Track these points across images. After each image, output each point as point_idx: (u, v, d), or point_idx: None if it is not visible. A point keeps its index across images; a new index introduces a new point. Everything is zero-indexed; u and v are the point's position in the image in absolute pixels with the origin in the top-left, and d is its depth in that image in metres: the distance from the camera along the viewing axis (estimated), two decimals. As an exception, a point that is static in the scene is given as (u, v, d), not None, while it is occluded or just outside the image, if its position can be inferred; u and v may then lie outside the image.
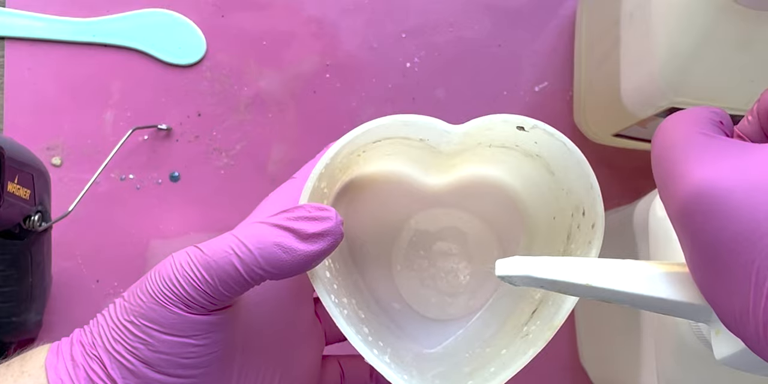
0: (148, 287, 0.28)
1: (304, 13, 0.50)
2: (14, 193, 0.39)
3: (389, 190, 0.35)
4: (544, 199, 0.34)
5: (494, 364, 0.32)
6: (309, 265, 0.28)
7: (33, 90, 0.49)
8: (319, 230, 0.27)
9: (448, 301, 0.37)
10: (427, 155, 0.33)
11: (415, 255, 0.37)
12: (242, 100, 0.49)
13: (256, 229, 0.28)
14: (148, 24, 0.49)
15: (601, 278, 0.24)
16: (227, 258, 0.27)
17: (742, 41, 0.31)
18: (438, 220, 0.37)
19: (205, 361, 0.29)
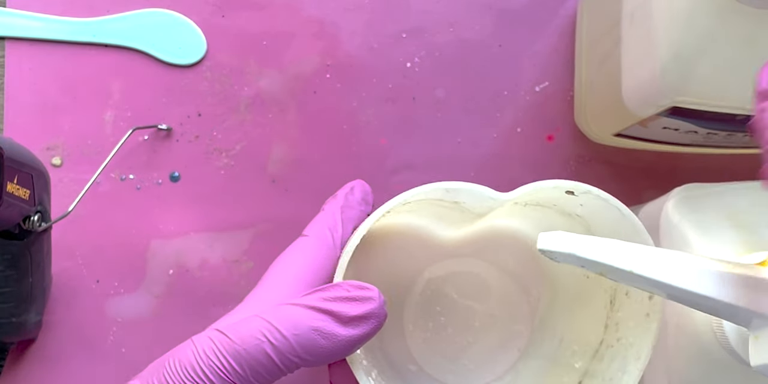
0: (167, 377, 0.26)
1: (304, 13, 0.50)
2: (14, 193, 0.39)
3: (403, 241, 0.33)
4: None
5: None
6: (350, 350, 0.26)
7: (33, 90, 0.49)
8: (362, 313, 0.25)
9: (467, 365, 0.34)
10: (454, 213, 0.32)
11: (430, 309, 0.34)
12: (242, 100, 0.49)
13: (289, 311, 0.25)
14: (148, 24, 0.49)
15: (646, 267, 0.23)
16: (259, 346, 0.25)
17: (744, 40, 0.31)
18: (454, 267, 0.34)
19: None
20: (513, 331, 0.35)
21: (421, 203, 0.31)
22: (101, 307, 0.48)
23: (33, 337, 0.47)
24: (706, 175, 0.49)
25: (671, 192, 0.34)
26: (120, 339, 0.47)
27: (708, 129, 0.38)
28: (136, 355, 0.47)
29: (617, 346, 0.30)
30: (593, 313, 0.32)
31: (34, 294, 0.44)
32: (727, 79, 0.33)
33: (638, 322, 0.29)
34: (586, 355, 0.32)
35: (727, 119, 0.35)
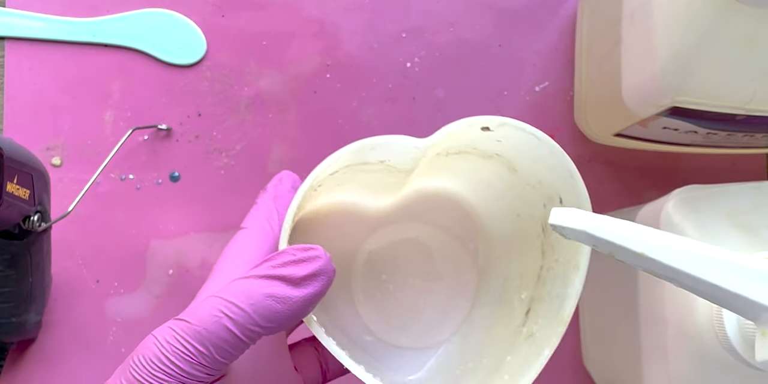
0: (135, 374, 0.26)
1: (304, 13, 0.50)
2: (13, 193, 0.39)
3: (339, 219, 0.34)
4: (502, 200, 0.33)
5: (505, 372, 0.31)
6: (307, 310, 0.26)
7: (33, 90, 0.49)
8: (311, 271, 0.26)
9: (420, 326, 0.35)
10: (381, 178, 0.32)
11: (376, 279, 0.35)
12: (242, 100, 0.49)
13: (241, 285, 0.26)
14: (148, 24, 0.49)
15: (658, 250, 0.23)
16: (218, 322, 0.25)
17: (744, 40, 0.31)
18: (393, 236, 0.35)
19: None
20: (460, 284, 0.36)
21: (348, 173, 0.31)
22: (101, 307, 0.48)
23: (33, 337, 0.47)
24: (706, 175, 0.49)
25: (671, 193, 0.34)
26: (120, 339, 0.47)
27: (708, 129, 0.38)
28: (136, 355, 0.47)
29: (556, 266, 0.31)
30: (529, 244, 0.33)
31: (33, 294, 0.44)
32: (727, 79, 0.33)
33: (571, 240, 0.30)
34: (530, 284, 0.33)
35: (727, 119, 0.35)
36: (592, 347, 0.46)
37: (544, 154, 0.30)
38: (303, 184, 0.29)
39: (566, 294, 0.30)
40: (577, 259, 0.30)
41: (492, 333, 0.34)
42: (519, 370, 0.30)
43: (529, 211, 0.33)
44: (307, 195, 0.31)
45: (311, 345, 0.35)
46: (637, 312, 0.37)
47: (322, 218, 0.34)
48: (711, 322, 0.32)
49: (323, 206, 0.34)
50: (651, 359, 0.36)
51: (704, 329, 0.32)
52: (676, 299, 0.34)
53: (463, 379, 0.33)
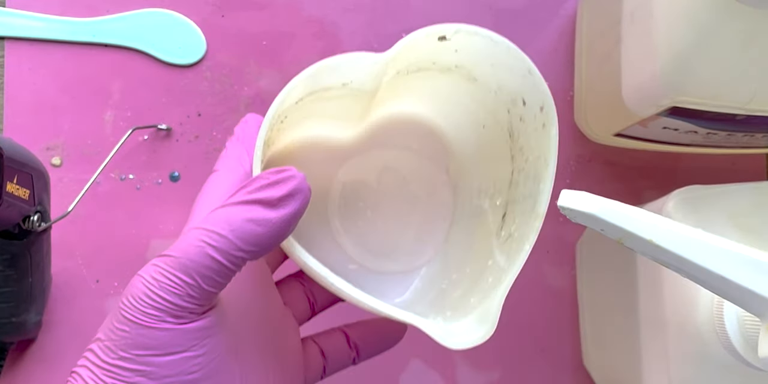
0: (126, 314, 0.26)
1: (305, 13, 0.50)
2: (13, 193, 0.39)
3: (308, 154, 0.34)
4: (466, 113, 0.34)
5: (489, 275, 0.31)
6: (287, 230, 0.27)
7: (33, 90, 0.49)
8: (287, 191, 0.26)
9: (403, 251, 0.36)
10: (346, 105, 0.32)
11: (354, 209, 0.35)
12: (242, 100, 0.49)
13: (220, 213, 0.26)
14: (148, 24, 0.49)
15: (668, 239, 0.23)
16: (202, 251, 0.26)
17: (744, 39, 0.31)
18: (365, 165, 0.35)
19: (210, 370, 0.27)
20: (437, 203, 0.36)
21: (314, 101, 0.31)
22: (101, 307, 0.48)
23: (33, 337, 0.47)
24: (706, 175, 0.49)
25: (671, 193, 0.34)
26: (120, 339, 0.47)
27: (708, 129, 0.38)
28: (135, 355, 0.47)
29: (527, 166, 0.32)
30: (498, 152, 0.33)
31: (33, 294, 0.44)
32: (727, 79, 0.33)
33: (538, 137, 0.30)
34: (503, 190, 0.33)
35: (726, 119, 0.35)
36: (592, 347, 0.46)
37: (501, 56, 0.31)
38: (267, 113, 0.29)
39: (539, 190, 0.30)
40: (545, 155, 0.31)
41: (472, 244, 0.34)
42: (502, 269, 0.31)
43: (494, 120, 0.33)
44: (274, 127, 0.31)
45: (297, 280, 0.36)
46: (637, 312, 0.37)
47: (293, 155, 0.34)
48: (712, 321, 0.32)
49: (292, 143, 0.34)
50: (651, 359, 0.36)
51: (705, 329, 0.32)
52: (676, 299, 0.34)
53: (449, 291, 0.33)
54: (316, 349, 0.35)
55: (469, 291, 0.32)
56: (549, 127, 0.30)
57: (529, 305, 0.48)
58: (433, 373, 0.48)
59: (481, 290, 0.31)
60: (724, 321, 0.31)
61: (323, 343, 0.35)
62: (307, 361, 0.34)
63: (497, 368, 0.48)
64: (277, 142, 0.33)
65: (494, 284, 0.30)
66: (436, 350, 0.48)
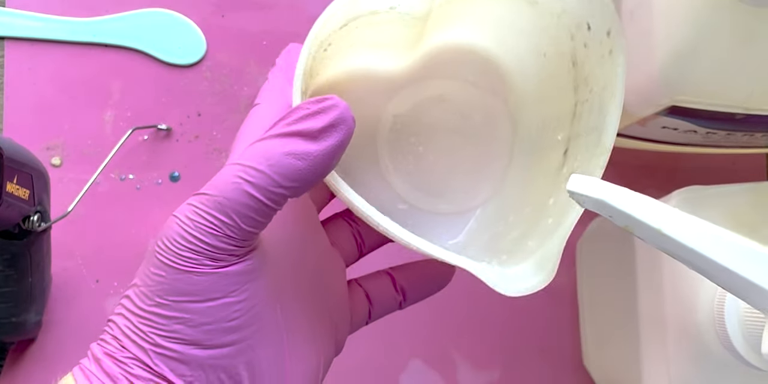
0: (162, 258, 0.24)
1: (305, 12, 0.50)
2: (13, 193, 0.39)
3: (356, 86, 0.32)
4: (526, 40, 0.31)
5: (549, 215, 0.29)
6: (330, 164, 0.24)
7: (33, 90, 0.49)
8: (328, 122, 0.24)
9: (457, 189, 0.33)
10: (394, 31, 0.30)
11: (405, 144, 0.33)
12: (242, 100, 0.49)
13: (258, 147, 0.24)
14: (148, 24, 0.49)
15: (676, 229, 0.22)
16: (238, 188, 0.24)
17: (743, 38, 0.31)
18: (417, 97, 0.33)
19: (252, 317, 0.25)
20: (494, 138, 0.33)
21: (360, 27, 0.29)
22: (101, 307, 0.48)
23: (33, 337, 0.47)
24: (706, 175, 0.49)
25: (672, 193, 0.34)
26: (120, 339, 0.47)
27: (707, 128, 0.38)
28: (135, 355, 0.47)
29: (591, 97, 0.30)
30: (561, 83, 0.31)
31: (33, 294, 0.44)
32: (725, 78, 0.33)
33: (604, 65, 0.28)
34: (566, 123, 0.31)
35: (725, 118, 0.35)
36: (592, 347, 0.46)
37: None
38: (307, 38, 0.27)
39: (604, 123, 0.28)
40: (612, 85, 0.28)
41: (531, 182, 0.32)
42: (563, 210, 0.28)
43: (555, 47, 0.30)
44: (318, 56, 0.29)
45: (344, 219, 0.33)
46: (637, 312, 0.37)
47: (339, 87, 0.32)
48: (712, 321, 0.32)
49: (339, 73, 0.31)
50: (651, 359, 0.36)
51: (705, 329, 0.32)
52: (676, 299, 0.34)
53: (505, 233, 0.31)
54: (361, 293, 0.33)
55: (528, 233, 0.30)
56: (616, 53, 0.27)
57: (529, 305, 0.48)
58: (433, 373, 0.48)
59: (541, 232, 0.29)
60: (725, 320, 0.31)
61: (369, 286, 0.33)
62: (352, 306, 0.32)
63: (497, 368, 0.48)
64: (322, 73, 0.30)
65: (554, 225, 0.28)
66: (436, 350, 0.48)
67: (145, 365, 0.25)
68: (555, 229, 0.28)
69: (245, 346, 0.25)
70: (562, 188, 0.29)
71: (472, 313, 0.48)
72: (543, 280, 0.27)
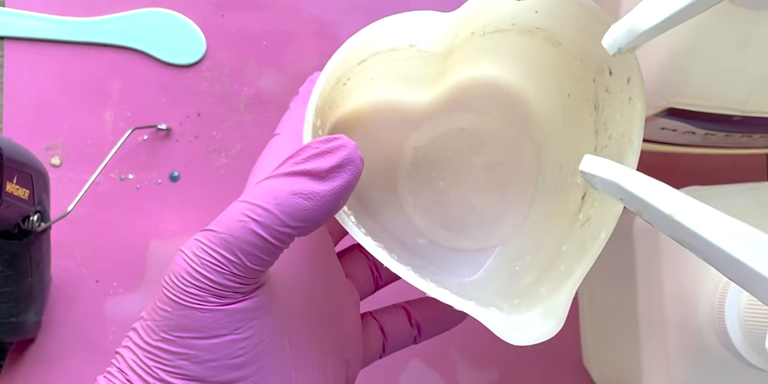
0: (168, 293, 0.24)
1: (305, 12, 0.50)
2: (13, 193, 0.39)
3: (377, 119, 0.32)
4: (550, 79, 0.31)
5: (561, 262, 0.29)
6: (337, 205, 0.24)
7: (32, 90, 0.49)
8: (336, 162, 0.24)
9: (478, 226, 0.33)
10: (416, 66, 0.30)
11: (426, 178, 0.33)
12: (242, 100, 0.49)
13: (265, 186, 0.24)
14: (148, 24, 0.49)
15: (688, 216, 0.22)
16: (245, 227, 0.24)
17: (739, 41, 0.31)
18: (438, 128, 0.33)
19: (258, 354, 0.25)
20: (518, 175, 0.33)
21: (379, 63, 0.29)
22: (101, 307, 0.48)
23: (32, 337, 0.47)
24: (705, 175, 0.49)
25: (672, 193, 0.34)
26: (119, 339, 0.47)
27: (705, 130, 0.38)
28: (135, 355, 0.47)
29: (610, 143, 0.30)
30: (582, 125, 0.31)
31: (33, 294, 0.44)
32: (722, 81, 0.33)
33: (624, 112, 0.28)
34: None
35: (723, 120, 0.35)
36: (592, 347, 0.46)
37: (586, 20, 0.28)
38: (320, 76, 0.27)
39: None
40: (630, 132, 0.28)
41: (549, 224, 0.32)
42: (575, 258, 0.28)
43: (579, 89, 0.30)
44: (337, 89, 0.29)
45: (361, 251, 0.33)
46: (637, 312, 0.37)
47: (362, 119, 0.32)
48: (712, 321, 0.32)
49: (360, 106, 0.31)
50: (651, 359, 0.36)
51: (705, 329, 0.32)
52: (676, 298, 0.34)
53: (521, 275, 0.31)
54: (376, 327, 0.33)
55: (540, 278, 0.30)
56: (635, 101, 0.27)
57: (529, 305, 0.48)
58: (433, 373, 0.48)
59: (552, 279, 0.29)
60: (725, 320, 0.31)
61: (384, 320, 0.33)
62: (366, 339, 0.32)
63: (497, 368, 0.48)
64: (343, 105, 0.30)
65: (566, 274, 0.28)
66: (436, 350, 0.48)
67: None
68: (566, 278, 0.28)
69: (250, 383, 0.25)
70: (576, 236, 0.29)
71: (472, 313, 0.48)
72: (552, 328, 0.27)
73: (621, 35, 0.24)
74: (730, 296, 0.31)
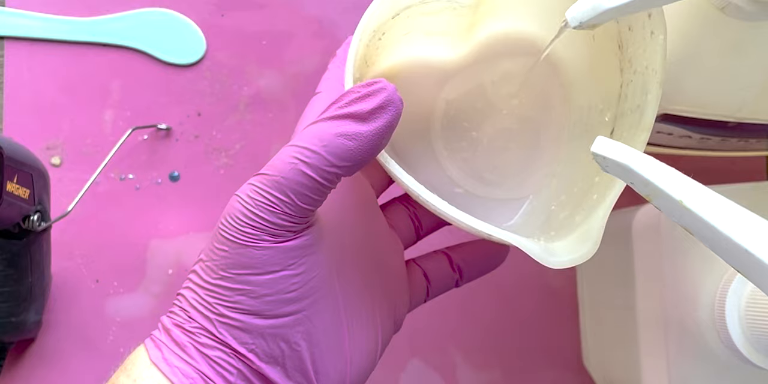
0: (226, 234, 0.26)
1: (305, 12, 0.50)
2: (13, 192, 0.39)
3: (413, 75, 0.33)
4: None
5: (594, 192, 0.30)
6: (380, 144, 0.26)
7: (33, 90, 0.49)
8: (377, 104, 0.25)
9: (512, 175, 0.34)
10: (446, 20, 0.31)
11: (459, 129, 0.34)
12: (242, 100, 0.49)
13: (311, 130, 0.26)
14: (148, 24, 0.49)
15: (698, 202, 0.22)
16: (295, 168, 0.26)
17: (732, 50, 0.31)
18: (469, 81, 0.34)
19: (310, 289, 0.27)
20: (549, 121, 0.34)
21: (411, 16, 0.31)
22: (101, 307, 0.48)
23: (32, 337, 0.47)
24: (704, 176, 0.49)
25: (671, 193, 0.34)
26: (119, 339, 0.47)
27: (701, 134, 0.38)
28: (135, 355, 0.47)
29: (635, 77, 0.30)
30: (608, 65, 0.32)
31: (33, 293, 0.44)
32: (715, 89, 0.33)
33: (647, 46, 0.29)
34: (612, 104, 0.32)
35: (718, 125, 0.35)
36: (592, 347, 0.46)
37: None
38: (357, 27, 0.28)
39: (646, 101, 0.29)
40: (653, 64, 0.29)
41: (581, 164, 0.33)
42: (607, 185, 0.29)
43: (603, 30, 0.31)
44: (372, 44, 0.30)
45: (402, 203, 0.35)
46: (637, 311, 0.37)
47: (397, 75, 0.33)
48: (712, 320, 0.32)
49: (395, 63, 0.33)
50: (650, 358, 0.36)
51: (705, 327, 0.32)
52: (676, 298, 0.34)
53: (557, 212, 0.32)
54: (419, 272, 0.34)
55: (575, 209, 0.31)
56: (657, 34, 0.28)
57: (529, 305, 0.48)
58: (433, 373, 0.48)
59: (586, 208, 0.30)
60: (726, 319, 0.31)
61: (426, 265, 0.34)
62: (411, 285, 0.34)
63: (497, 368, 0.48)
64: (378, 62, 0.32)
65: (598, 201, 0.29)
66: (436, 350, 0.48)
67: (211, 334, 0.27)
68: (599, 204, 0.29)
69: (303, 316, 0.27)
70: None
71: (472, 313, 0.48)
72: (587, 251, 0.28)
73: (585, 11, 0.25)
74: (731, 294, 0.31)
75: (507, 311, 0.48)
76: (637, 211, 0.38)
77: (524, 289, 0.49)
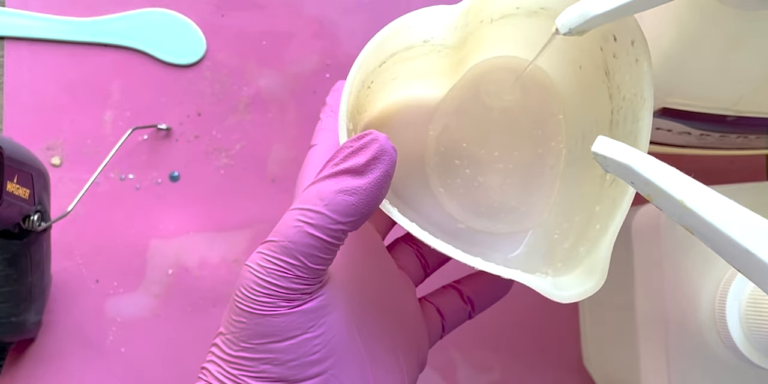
0: (242, 306, 0.26)
1: (304, 12, 0.50)
2: (13, 192, 0.39)
3: (404, 117, 0.34)
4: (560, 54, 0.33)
5: (596, 221, 0.30)
6: (380, 194, 0.26)
7: (33, 90, 0.49)
8: (371, 156, 0.26)
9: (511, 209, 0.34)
10: (433, 61, 0.32)
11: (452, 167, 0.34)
12: (242, 100, 0.49)
13: (310, 191, 0.26)
14: (148, 24, 0.49)
15: (699, 202, 0.22)
16: (300, 231, 0.26)
17: (730, 42, 0.31)
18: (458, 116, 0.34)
19: (332, 348, 0.27)
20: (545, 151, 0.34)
21: (398, 62, 0.31)
22: (101, 307, 0.48)
23: (32, 337, 0.47)
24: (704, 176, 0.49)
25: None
26: (119, 339, 0.47)
27: (700, 130, 0.38)
28: (135, 355, 0.47)
29: (625, 104, 0.31)
30: (597, 93, 0.32)
31: (33, 293, 0.44)
32: (714, 80, 0.33)
33: (633, 73, 0.29)
34: (605, 131, 0.32)
35: (717, 120, 0.35)
36: (592, 347, 0.46)
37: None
38: (346, 82, 0.29)
39: (638, 128, 0.29)
40: (641, 91, 0.29)
41: (579, 191, 0.33)
42: (608, 215, 0.29)
43: (589, 59, 0.32)
44: (363, 93, 0.30)
45: (406, 242, 0.35)
46: (637, 311, 0.37)
47: (388, 120, 0.33)
48: (713, 320, 0.32)
49: (387, 106, 0.33)
50: (650, 358, 0.36)
51: (705, 328, 0.32)
52: (676, 298, 0.34)
53: (561, 241, 0.32)
54: (433, 309, 0.34)
55: (578, 240, 0.31)
56: (642, 61, 0.29)
57: (529, 305, 0.48)
58: (433, 373, 0.48)
59: (589, 239, 0.30)
60: (726, 319, 0.31)
61: (438, 301, 0.35)
62: (426, 322, 0.34)
63: (497, 368, 0.48)
64: (370, 108, 0.32)
65: (601, 232, 0.29)
66: (436, 350, 0.48)
67: None
68: (602, 235, 0.29)
69: (329, 375, 0.27)
70: (607, 195, 0.30)
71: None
72: (594, 285, 0.28)
73: (574, 17, 0.25)
74: (731, 294, 0.31)
75: (507, 311, 0.48)
76: (637, 211, 0.38)
77: (524, 289, 0.49)
